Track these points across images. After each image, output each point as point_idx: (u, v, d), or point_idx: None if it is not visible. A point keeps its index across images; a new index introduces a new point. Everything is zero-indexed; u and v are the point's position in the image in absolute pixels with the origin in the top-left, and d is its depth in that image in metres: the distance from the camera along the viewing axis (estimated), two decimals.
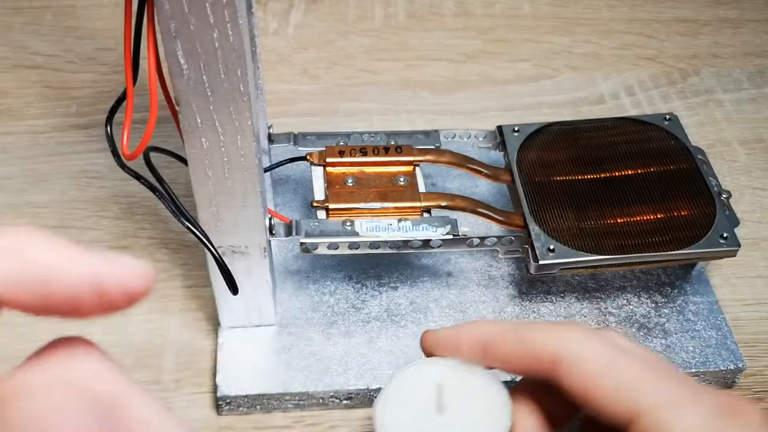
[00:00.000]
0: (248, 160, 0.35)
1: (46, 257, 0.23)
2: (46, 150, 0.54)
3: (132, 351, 0.44)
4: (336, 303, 0.45)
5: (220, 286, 0.40)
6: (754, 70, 0.62)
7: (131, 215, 0.50)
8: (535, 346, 0.31)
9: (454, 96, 0.59)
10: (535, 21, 0.65)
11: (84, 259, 0.23)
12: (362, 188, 0.42)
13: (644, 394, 0.29)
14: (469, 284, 0.46)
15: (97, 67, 0.60)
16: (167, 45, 0.31)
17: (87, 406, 0.23)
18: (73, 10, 0.64)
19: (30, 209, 0.51)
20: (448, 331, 0.34)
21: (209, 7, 0.30)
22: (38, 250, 0.23)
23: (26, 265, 0.22)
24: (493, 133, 0.48)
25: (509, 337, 0.32)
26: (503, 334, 0.32)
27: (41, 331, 0.45)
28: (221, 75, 0.32)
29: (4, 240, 0.22)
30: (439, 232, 0.40)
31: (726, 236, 0.42)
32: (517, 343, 0.32)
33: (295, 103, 0.58)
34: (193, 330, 0.45)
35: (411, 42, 0.63)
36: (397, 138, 0.46)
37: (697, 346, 0.44)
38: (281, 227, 0.40)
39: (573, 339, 0.31)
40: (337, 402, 0.42)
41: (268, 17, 0.64)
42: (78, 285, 0.23)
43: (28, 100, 0.57)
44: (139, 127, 0.50)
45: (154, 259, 0.48)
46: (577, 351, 0.30)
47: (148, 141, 0.33)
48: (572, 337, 0.31)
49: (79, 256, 0.23)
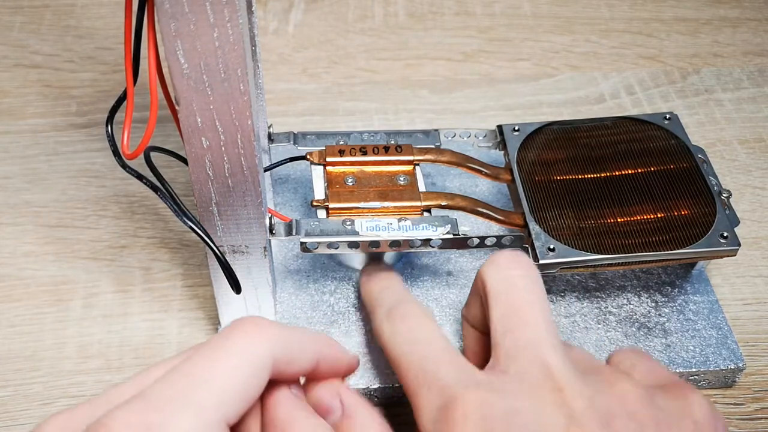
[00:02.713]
0: (248, 159, 0.35)
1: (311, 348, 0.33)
2: (45, 149, 0.54)
3: (132, 350, 0.44)
4: (336, 302, 0.45)
5: (221, 285, 0.40)
6: (754, 69, 0.62)
7: (131, 215, 0.50)
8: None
9: (454, 95, 0.59)
10: (534, 20, 0.65)
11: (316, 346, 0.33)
12: (362, 187, 0.42)
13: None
14: (470, 284, 0.46)
15: (96, 66, 0.60)
16: (167, 44, 0.31)
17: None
18: (72, 9, 0.64)
19: (30, 208, 0.51)
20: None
21: (209, 7, 0.30)
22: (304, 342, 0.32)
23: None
24: (493, 133, 0.48)
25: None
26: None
27: (42, 331, 0.45)
28: (221, 75, 0.32)
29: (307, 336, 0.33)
30: (439, 231, 0.40)
31: (726, 235, 0.42)
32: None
33: (295, 103, 0.58)
34: (193, 329, 0.45)
35: (411, 41, 0.63)
36: (397, 137, 0.46)
37: (697, 346, 0.44)
38: (281, 226, 0.40)
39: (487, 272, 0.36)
40: None
41: (268, 16, 0.64)
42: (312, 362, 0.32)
43: (27, 100, 0.57)
44: (140, 127, 0.50)
45: (154, 258, 0.48)
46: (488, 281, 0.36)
47: (148, 140, 0.33)
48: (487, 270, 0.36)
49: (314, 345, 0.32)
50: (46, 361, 0.43)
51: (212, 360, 0.29)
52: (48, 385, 0.43)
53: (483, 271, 0.36)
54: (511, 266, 0.35)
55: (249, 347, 0.30)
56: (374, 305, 0.40)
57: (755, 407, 0.43)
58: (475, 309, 0.37)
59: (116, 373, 0.43)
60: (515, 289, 0.35)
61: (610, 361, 0.37)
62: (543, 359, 0.32)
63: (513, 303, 0.34)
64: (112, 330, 0.45)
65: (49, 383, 0.43)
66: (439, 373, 0.33)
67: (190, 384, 0.28)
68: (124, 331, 0.45)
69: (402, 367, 0.35)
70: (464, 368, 0.33)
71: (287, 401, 0.32)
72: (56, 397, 0.42)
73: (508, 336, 0.33)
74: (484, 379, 0.33)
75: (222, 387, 0.28)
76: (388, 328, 0.37)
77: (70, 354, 0.44)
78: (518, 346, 0.33)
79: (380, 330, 0.38)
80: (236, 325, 0.30)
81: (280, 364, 0.31)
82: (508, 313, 0.34)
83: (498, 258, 0.36)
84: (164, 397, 0.27)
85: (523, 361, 0.33)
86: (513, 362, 0.33)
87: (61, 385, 0.43)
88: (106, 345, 0.44)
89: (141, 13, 0.31)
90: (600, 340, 0.44)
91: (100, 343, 0.45)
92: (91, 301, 0.46)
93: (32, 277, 0.47)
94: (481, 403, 0.31)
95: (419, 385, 0.33)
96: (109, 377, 0.43)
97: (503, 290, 0.35)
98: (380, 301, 0.40)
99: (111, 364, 0.43)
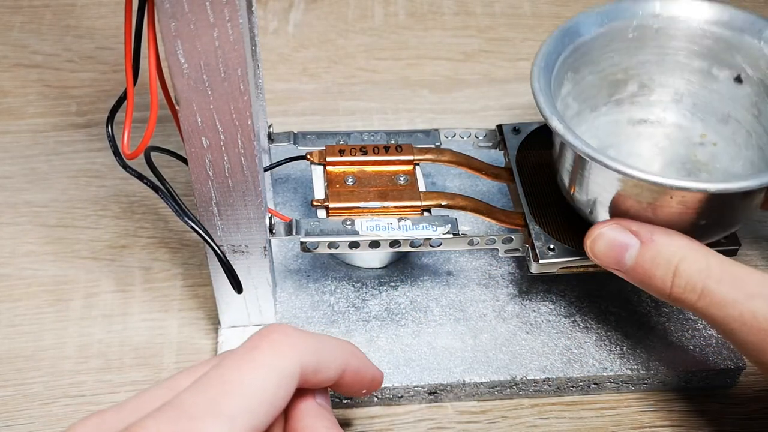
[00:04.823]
0: (248, 159, 0.35)
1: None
2: (45, 149, 0.54)
3: (132, 350, 0.44)
4: (336, 302, 0.45)
5: (221, 284, 0.40)
6: None
7: (131, 214, 0.50)
8: None
9: (454, 95, 0.59)
10: (535, 20, 0.65)
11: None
12: (362, 187, 0.42)
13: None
14: (470, 283, 0.46)
15: (96, 66, 0.60)
16: (167, 44, 0.31)
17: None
18: (72, 9, 0.64)
19: (29, 208, 0.51)
20: None
21: (209, 7, 0.30)
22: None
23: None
24: (493, 132, 0.48)
25: None
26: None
27: (42, 330, 0.45)
28: (221, 74, 0.32)
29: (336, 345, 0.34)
30: (439, 231, 0.40)
31: (726, 235, 0.42)
32: None
33: (295, 102, 0.58)
34: (193, 329, 0.45)
35: (411, 41, 0.63)
36: (397, 137, 0.46)
37: (697, 345, 0.44)
38: (281, 226, 0.40)
39: None
40: (337, 401, 0.42)
41: (268, 16, 0.64)
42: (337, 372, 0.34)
43: (27, 99, 0.57)
44: (140, 127, 0.50)
45: (154, 258, 0.48)
46: None
47: (148, 140, 0.33)
48: None
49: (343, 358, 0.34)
50: (46, 361, 0.43)
51: (241, 370, 0.29)
52: (48, 385, 0.43)
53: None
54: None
55: (277, 357, 0.30)
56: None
57: (755, 407, 0.43)
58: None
59: (116, 373, 0.43)
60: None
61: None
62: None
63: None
64: (112, 330, 0.45)
65: (49, 383, 0.43)
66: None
67: (220, 393, 0.28)
68: (124, 331, 0.45)
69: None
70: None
71: (311, 411, 0.32)
72: (56, 397, 0.42)
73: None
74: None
75: (251, 397, 0.29)
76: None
77: (70, 354, 0.44)
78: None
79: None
80: (265, 334, 0.31)
81: (307, 373, 0.31)
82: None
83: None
84: (195, 405, 0.28)
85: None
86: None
87: (61, 385, 0.43)
88: (106, 345, 0.44)
89: (141, 13, 0.31)
90: (600, 340, 0.44)
91: (100, 342, 0.45)
92: (91, 300, 0.46)
93: (32, 277, 0.47)
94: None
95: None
96: (109, 377, 0.43)
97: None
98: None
99: (111, 364, 0.43)
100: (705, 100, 0.44)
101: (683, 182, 0.35)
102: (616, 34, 0.43)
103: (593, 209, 0.40)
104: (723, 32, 0.42)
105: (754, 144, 0.42)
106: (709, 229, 0.39)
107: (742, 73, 0.42)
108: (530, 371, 0.42)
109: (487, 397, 0.43)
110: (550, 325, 0.44)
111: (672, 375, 0.43)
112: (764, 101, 0.42)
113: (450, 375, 0.42)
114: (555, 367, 0.43)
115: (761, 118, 0.42)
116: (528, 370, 0.42)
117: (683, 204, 0.37)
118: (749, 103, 0.43)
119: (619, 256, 0.38)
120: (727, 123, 0.44)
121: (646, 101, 0.45)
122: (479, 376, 0.42)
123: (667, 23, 0.43)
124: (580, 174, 0.39)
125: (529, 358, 0.43)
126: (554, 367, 0.43)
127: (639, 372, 0.43)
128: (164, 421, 0.27)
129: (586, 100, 0.44)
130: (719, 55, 0.43)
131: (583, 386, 0.43)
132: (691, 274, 0.36)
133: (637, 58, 0.44)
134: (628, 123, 0.46)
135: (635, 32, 0.43)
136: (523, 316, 0.45)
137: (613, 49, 0.43)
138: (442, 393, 0.42)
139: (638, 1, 0.43)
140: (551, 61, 0.40)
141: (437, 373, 0.42)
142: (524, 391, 0.43)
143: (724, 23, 0.42)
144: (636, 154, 0.45)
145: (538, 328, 0.44)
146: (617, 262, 0.38)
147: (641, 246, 0.37)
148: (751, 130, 0.43)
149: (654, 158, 0.45)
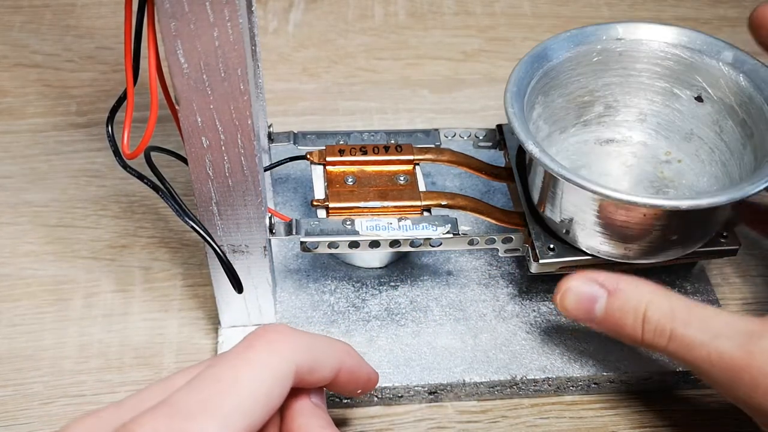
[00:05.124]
0: (248, 159, 0.35)
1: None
2: (45, 149, 0.54)
3: (132, 350, 0.44)
4: (336, 302, 0.45)
5: (221, 284, 0.40)
6: None
7: (131, 214, 0.50)
8: None
9: (454, 95, 0.59)
10: (535, 19, 0.65)
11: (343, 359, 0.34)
12: (362, 187, 0.42)
13: None
14: (470, 283, 0.46)
15: (96, 65, 0.60)
16: (167, 44, 0.31)
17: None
18: (72, 8, 0.64)
19: (29, 208, 0.51)
20: None
21: (209, 6, 0.30)
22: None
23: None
24: (493, 132, 0.48)
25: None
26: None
27: (42, 330, 0.45)
28: (221, 74, 0.32)
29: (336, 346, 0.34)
30: (439, 231, 0.40)
31: (726, 235, 0.43)
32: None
33: (295, 102, 0.58)
34: (193, 329, 0.45)
35: (411, 41, 0.63)
36: (397, 137, 0.46)
37: None
38: (281, 226, 0.40)
39: None
40: (337, 401, 0.42)
41: (268, 16, 0.64)
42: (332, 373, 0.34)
43: (27, 99, 0.57)
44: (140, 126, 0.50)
45: (154, 258, 0.48)
46: None
47: (148, 140, 0.33)
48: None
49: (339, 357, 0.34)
50: (46, 361, 0.43)
51: (236, 369, 0.29)
52: (48, 385, 0.43)
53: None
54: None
55: (272, 357, 0.30)
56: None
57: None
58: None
59: (116, 373, 0.43)
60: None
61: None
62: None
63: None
64: (112, 330, 0.45)
65: (50, 383, 0.43)
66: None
67: (215, 392, 0.28)
68: (124, 330, 0.45)
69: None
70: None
71: (306, 410, 0.32)
72: (56, 397, 0.42)
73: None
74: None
75: (246, 396, 0.29)
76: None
77: (70, 353, 0.44)
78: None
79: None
80: (260, 334, 0.31)
81: (302, 373, 0.31)
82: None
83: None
84: (190, 404, 0.28)
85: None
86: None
87: (61, 385, 0.43)
88: (106, 345, 0.44)
89: (141, 13, 0.31)
90: (600, 339, 0.44)
91: (100, 342, 0.45)
92: (91, 300, 0.46)
93: (32, 277, 0.47)
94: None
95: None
96: (110, 377, 0.43)
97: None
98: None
99: (111, 363, 0.44)
100: (668, 118, 0.45)
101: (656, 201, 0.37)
102: (582, 58, 0.44)
103: (569, 228, 0.41)
104: (683, 54, 0.43)
105: (717, 160, 0.44)
106: (685, 237, 0.40)
107: (702, 93, 0.44)
108: (530, 371, 0.42)
109: (487, 397, 0.43)
110: (550, 325, 0.44)
111: (672, 375, 0.43)
112: (725, 119, 0.43)
113: (450, 375, 0.42)
114: (555, 366, 0.43)
115: (723, 135, 0.43)
116: (528, 369, 0.42)
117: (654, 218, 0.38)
118: (711, 120, 0.44)
119: (589, 309, 0.38)
120: (690, 140, 0.45)
121: (612, 121, 0.47)
122: (479, 376, 0.42)
123: (629, 46, 0.44)
124: (552, 193, 0.40)
125: (529, 357, 0.43)
126: (554, 367, 0.43)
127: (639, 372, 0.43)
128: (159, 419, 0.27)
129: (556, 122, 0.46)
130: (680, 76, 0.44)
131: (583, 386, 0.43)
132: (659, 318, 0.36)
133: (602, 81, 0.45)
134: (596, 143, 0.47)
135: (600, 56, 0.44)
136: (523, 316, 0.45)
137: (580, 72, 0.45)
138: (442, 393, 0.42)
139: (602, 26, 0.44)
140: (523, 86, 0.42)
141: (437, 372, 0.42)
142: (524, 390, 0.43)
143: (684, 45, 0.43)
144: (606, 174, 0.46)
145: (538, 328, 0.44)
146: (588, 315, 0.38)
147: (608, 296, 0.38)
148: (713, 147, 0.44)
149: (623, 177, 0.46)
